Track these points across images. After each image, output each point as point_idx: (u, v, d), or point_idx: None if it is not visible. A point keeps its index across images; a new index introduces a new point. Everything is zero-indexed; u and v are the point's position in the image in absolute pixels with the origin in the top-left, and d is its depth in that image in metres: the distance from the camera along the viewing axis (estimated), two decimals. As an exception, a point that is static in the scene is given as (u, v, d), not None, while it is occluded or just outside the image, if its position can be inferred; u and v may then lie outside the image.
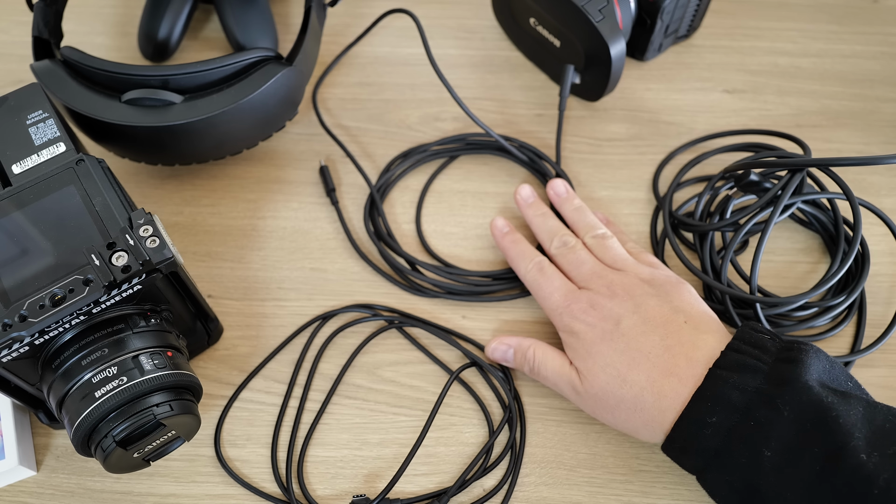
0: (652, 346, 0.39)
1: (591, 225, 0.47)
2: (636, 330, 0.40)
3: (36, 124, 0.42)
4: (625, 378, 0.39)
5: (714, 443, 0.36)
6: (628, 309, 0.41)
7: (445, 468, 0.42)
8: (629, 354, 0.39)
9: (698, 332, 0.39)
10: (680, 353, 0.38)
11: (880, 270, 0.48)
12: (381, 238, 0.50)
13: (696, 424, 0.36)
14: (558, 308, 0.43)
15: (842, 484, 0.32)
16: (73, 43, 0.50)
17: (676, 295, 0.41)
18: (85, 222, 0.37)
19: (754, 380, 0.35)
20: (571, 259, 0.45)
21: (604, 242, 0.45)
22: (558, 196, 0.50)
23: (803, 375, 0.35)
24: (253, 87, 0.46)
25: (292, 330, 0.47)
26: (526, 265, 0.46)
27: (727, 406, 0.35)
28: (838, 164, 0.43)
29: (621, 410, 0.39)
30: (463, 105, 0.50)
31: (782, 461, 0.34)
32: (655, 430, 0.38)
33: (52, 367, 0.36)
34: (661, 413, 0.37)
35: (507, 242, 0.47)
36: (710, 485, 0.37)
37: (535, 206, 0.49)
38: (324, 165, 0.53)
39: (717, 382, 0.36)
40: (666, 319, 0.40)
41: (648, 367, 0.38)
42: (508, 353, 0.44)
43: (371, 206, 0.52)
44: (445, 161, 0.54)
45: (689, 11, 0.57)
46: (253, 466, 0.43)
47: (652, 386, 0.38)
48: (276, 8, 0.63)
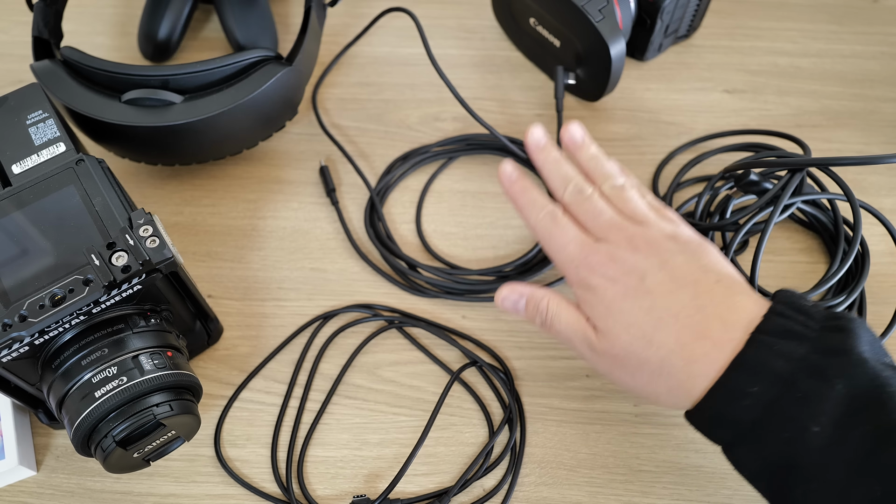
0: (682, 306, 0.35)
1: (609, 174, 0.42)
2: (664, 287, 0.36)
3: (36, 124, 0.42)
4: (651, 339, 0.35)
5: (752, 415, 0.32)
6: (653, 265, 0.37)
7: (445, 468, 0.42)
8: (656, 313, 0.35)
9: (733, 293, 0.35)
10: (714, 314, 0.35)
11: (880, 270, 0.48)
12: (382, 241, 0.50)
13: (734, 394, 0.33)
14: (574, 260, 0.39)
15: (892, 465, 0.30)
16: (73, 43, 0.50)
17: (704, 253, 0.37)
18: (85, 222, 0.37)
19: (801, 347, 0.32)
20: (588, 208, 0.40)
21: (623, 193, 0.41)
22: (573, 142, 0.44)
23: (856, 346, 0.32)
24: (253, 87, 0.46)
25: (292, 330, 0.47)
26: (537, 214, 0.41)
27: (770, 375, 0.32)
28: (838, 163, 0.43)
29: (643, 374, 0.36)
30: (465, 104, 0.50)
31: (829, 438, 0.31)
32: (681, 396, 0.35)
33: (52, 367, 0.36)
34: (690, 379, 0.34)
35: (516, 190, 0.42)
36: (738, 458, 0.34)
37: (546, 149, 0.43)
38: (324, 166, 0.53)
39: (759, 349, 0.33)
40: (696, 278, 0.36)
41: (678, 329, 0.35)
42: (520, 303, 0.41)
43: (371, 209, 0.52)
44: (445, 161, 0.54)
45: (689, 11, 0.57)
46: (253, 466, 0.43)
47: (682, 349, 0.34)
48: (276, 8, 0.63)
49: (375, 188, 0.52)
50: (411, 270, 0.49)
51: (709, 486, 0.41)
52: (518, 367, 0.46)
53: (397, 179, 0.54)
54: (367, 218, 0.51)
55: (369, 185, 0.52)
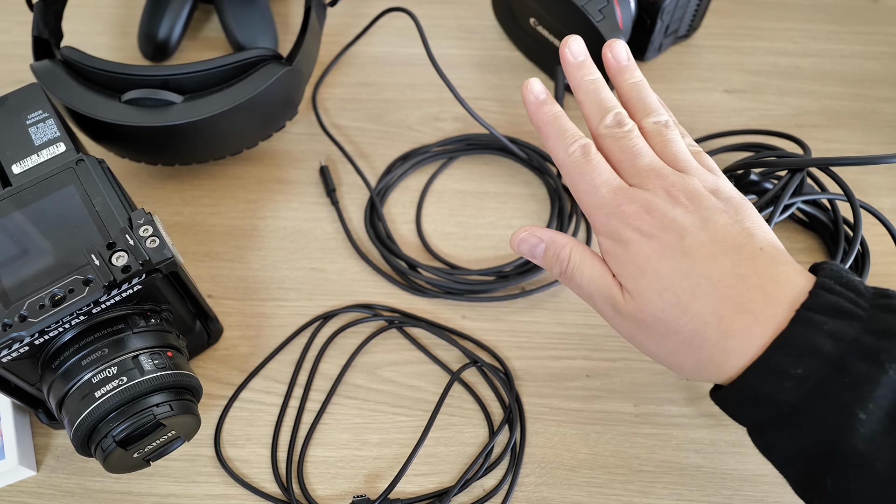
0: (722, 273, 0.32)
1: (651, 107, 0.37)
2: (704, 250, 0.32)
3: (36, 124, 0.42)
4: (686, 307, 0.32)
5: (793, 397, 0.30)
6: (694, 222, 0.33)
7: (445, 468, 0.42)
8: (694, 279, 0.32)
9: (777, 264, 0.32)
10: (756, 285, 0.31)
11: (880, 270, 0.48)
12: (382, 241, 0.50)
13: (775, 375, 0.30)
14: (606, 206, 0.34)
15: None
16: (73, 43, 0.50)
17: (747, 215, 0.33)
18: (85, 222, 0.37)
19: (852, 328, 0.29)
20: (626, 146, 0.35)
21: (665, 132, 0.36)
22: (617, 62, 0.38)
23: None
24: (253, 87, 0.46)
25: (292, 330, 0.47)
26: (567, 147, 0.36)
27: (818, 356, 0.29)
28: (838, 163, 0.43)
29: (671, 343, 0.33)
30: (465, 104, 0.50)
31: (878, 426, 0.28)
32: (710, 370, 0.32)
33: (52, 367, 0.36)
34: (723, 354, 0.31)
35: (544, 115, 0.37)
36: (770, 442, 0.32)
37: (586, 66, 0.38)
38: (324, 166, 0.53)
39: (807, 327, 0.30)
40: (739, 242, 0.32)
41: (717, 298, 0.31)
42: (538, 248, 0.37)
43: (371, 209, 0.52)
44: (445, 161, 0.54)
45: (689, 11, 0.57)
46: (253, 466, 0.43)
47: (719, 322, 0.31)
48: (276, 8, 0.63)
49: (375, 188, 0.52)
50: (411, 270, 0.49)
51: (709, 486, 0.41)
52: (518, 367, 0.46)
53: (397, 179, 0.54)
54: (367, 218, 0.51)
55: (369, 185, 0.52)
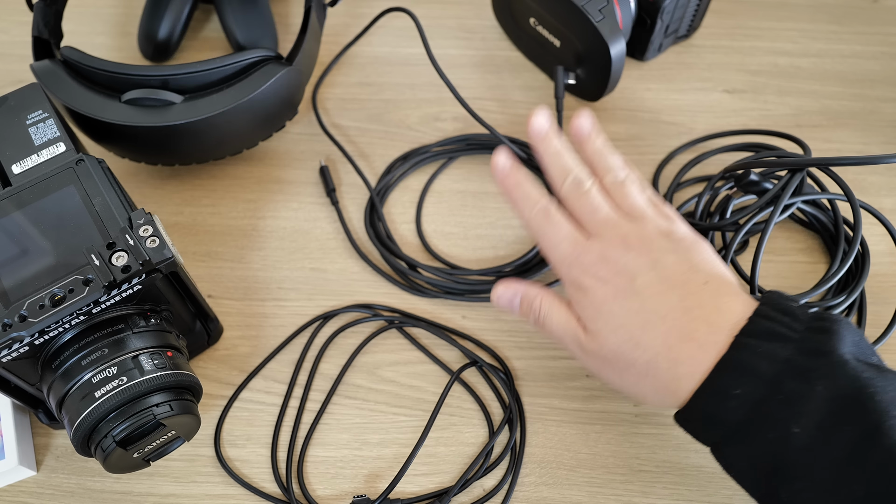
0: (669, 308, 0.35)
1: (612, 167, 0.41)
2: (652, 289, 0.36)
3: (36, 124, 0.42)
4: (638, 341, 0.35)
5: (737, 416, 0.33)
6: (644, 264, 0.37)
7: (445, 468, 0.42)
8: (643, 315, 0.36)
9: (720, 295, 0.35)
10: (700, 316, 0.35)
11: (880, 270, 0.48)
12: (382, 241, 0.50)
13: (719, 396, 0.33)
14: (566, 259, 0.38)
15: (875, 464, 0.30)
16: (73, 43, 0.50)
17: (696, 253, 0.37)
18: (85, 222, 0.37)
19: (784, 349, 0.32)
20: (584, 203, 0.39)
21: (623, 188, 0.40)
22: (581, 131, 0.42)
23: (839, 347, 0.32)
24: (253, 87, 0.46)
25: (292, 330, 0.47)
26: (531, 209, 0.40)
27: (754, 377, 0.32)
28: (838, 163, 0.43)
29: (631, 374, 0.36)
30: (465, 103, 0.50)
31: (812, 439, 0.31)
32: (667, 396, 0.36)
33: (52, 367, 0.36)
34: (676, 381, 0.35)
35: (509, 183, 0.41)
36: (727, 459, 0.35)
37: (549, 138, 0.42)
38: (324, 166, 0.53)
39: (743, 351, 0.33)
40: (685, 279, 0.36)
41: (665, 331, 0.35)
42: (515, 301, 0.41)
43: (371, 209, 0.52)
44: (445, 161, 0.54)
45: (689, 11, 0.57)
46: (253, 466, 0.43)
47: (668, 351, 0.35)
48: (276, 8, 0.63)
49: (375, 188, 0.52)
50: (411, 270, 0.49)
51: (709, 486, 0.41)
52: (518, 367, 0.46)
53: (397, 179, 0.54)
54: (367, 218, 0.51)
55: (369, 185, 0.52)
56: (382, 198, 0.53)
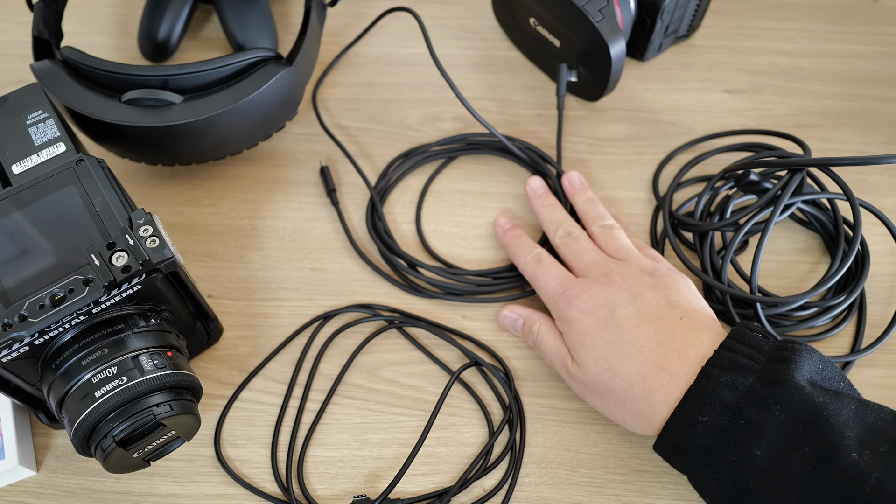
0: (645, 340, 0.39)
1: (599, 215, 0.47)
2: (630, 322, 0.39)
3: (36, 124, 0.42)
4: (616, 371, 0.39)
5: (705, 441, 0.35)
6: (624, 298, 0.40)
7: (445, 468, 0.42)
8: (622, 347, 0.39)
9: (693, 330, 0.39)
10: (673, 349, 0.38)
11: (880, 270, 0.48)
12: (383, 241, 0.50)
13: (688, 423, 0.36)
14: (554, 296, 0.43)
15: (833, 483, 0.32)
16: (73, 43, 0.50)
17: (675, 289, 0.41)
18: (85, 222, 0.37)
19: (746, 379, 0.35)
20: (574, 248, 0.45)
21: (610, 232, 0.45)
22: (572, 186, 0.50)
23: (795, 375, 0.34)
24: (253, 87, 0.46)
25: (292, 330, 0.47)
26: (525, 257, 0.46)
27: (718, 405, 0.35)
28: (838, 163, 0.43)
29: (610, 400, 0.39)
30: (466, 104, 0.50)
31: (773, 461, 0.34)
32: (644, 423, 0.38)
33: (52, 367, 0.36)
34: (651, 408, 0.38)
35: (508, 238, 0.48)
36: (700, 484, 0.37)
37: (543, 197, 0.50)
38: (324, 166, 0.53)
39: (708, 381, 0.36)
40: (661, 313, 0.39)
41: (640, 361, 0.38)
42: (518, 323, 0.45)
43: (372, 210, 0.52)
44: (445, 161, 0.54)
45: (689, 11, 0.57)
46: (253, 466, 0.43)
47: (643, 381, 0.38)
48: (276, 8, 0.63)
49: (376, 188, 0.52)
50: (412, 270, 0.49)
51: (709, 486, 0.41)
52: (518, 367, 0.46)
53: (397, 179, 0.54)
54: (369, 218, 0.51)
55: (370, 186, 0.52)
56: (382, 198, 0.53)
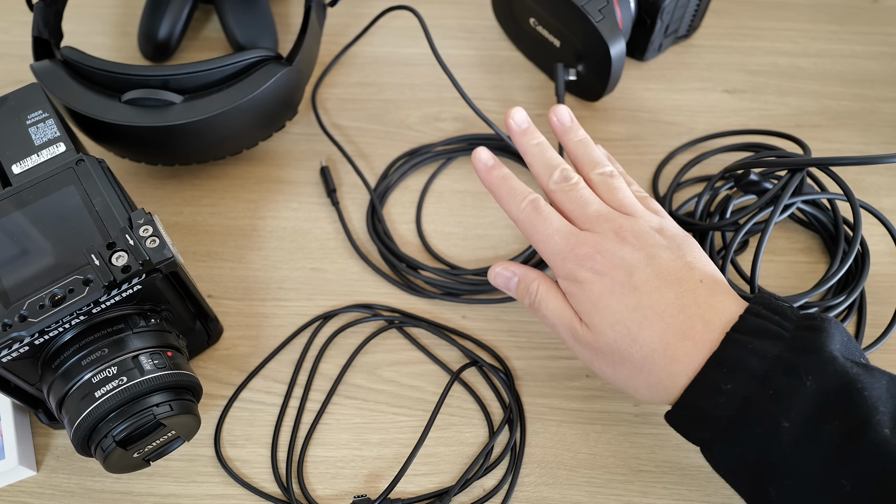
0: (667, 305, 0.35)
1: (596, 160, 0.42)
2: (650, 285, 0.36)
3: (36, 124, 0.42)
4: (635, 337, 0.35)
5: (728, 411, 0.33)
6: (640, 259, 0.37)
7: (445, 468, 0.42)
8: (641, 312, 0.36)
9: (714, 293, 0.36)
10: (696, 314, 0.35)
11: (880, 270, 0.48)
12: (383, 242, 0.50)
13: (710, 391, 0.33)
14: (560, 252, 0.38)
15: (863, 459, 0.30)
16: (73, 43, 0.51)
17: (689, 250, 0.38)
18: (85, 222, 0.37)
19: (775, 346, 0.33)
20: (574, 197, 0.40)
21: (611, 182, 0.40)
22: (561, 124, 0.44)
23: (828, 345, 0.32)
24: (253, 87, 0.46)
25: (292, 330, 0.47)
26: (518, 204, 0.40)
27: (745, 373, 0.33)
28: (838, 163, 0.43)
29: (624, 368, 0.36)
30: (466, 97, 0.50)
31: (801, 434, 0.31)
32: (660, 392, 0.36)
33: (52, 367, 0.36)
34: (671, 377, 0.35)
35: (493, 178, 0.42)
36: (717, 457, 0.35)
37: (529, 132, 0.43)
38: (325, 166, 0.53)
39: (735, 347, 0.33)
40: (681, 276, 0.36)
41: (662, 328, 0.35)
42: (511, 282, 0.42)
43: (372, 211, 0.52)
44: (445, 161, 0.54)
45: (689, 11, 0.57)
46: (253, 466, 0.43)
47: (665, 349, 0.35)
48: (276, 8, 0.63)
49: (376, 189, 0.52)
50: (412, 271, 0.49)
51: (709, 486, 0.41)
52: (518, 367, 0.46)
53: (397, 179, 0.54)
54: (369, 219, 0.51)
55: (369, 187, 0.52)
56: (382, 198, 0.53)
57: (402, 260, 0.49)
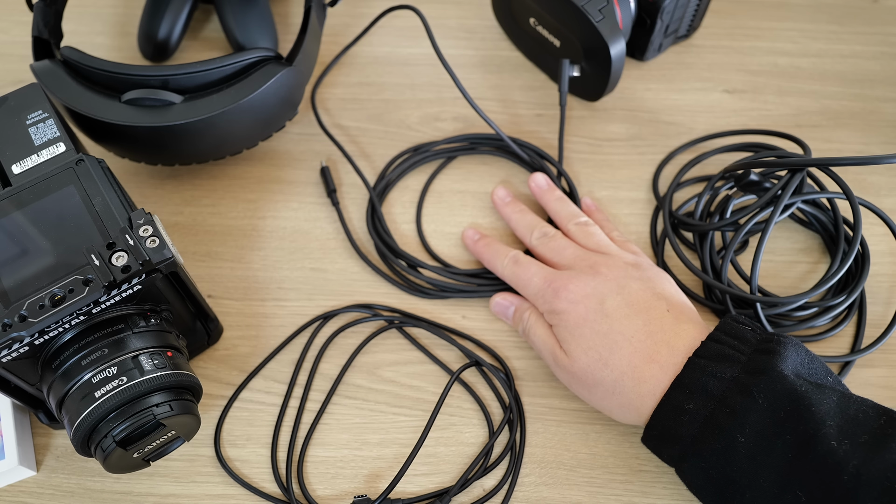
0: (635, 331, 0.39)
1: (573, 213, 0.47)
2: (620, 312, 0.40)
3: (36, 124, 0.42)
4: (606, 361, 0.39)
5: (691, 430, 0.36)
6: (612, 289, 0.41)
7: (445, 468, 0.42)
8: (612, 337, 0.39)
9: (679, 321, 0.39)
10: (662, 339, 0.39)
11: (880, 270, 0.48)
12: (383, 241, 0.50)
13: (675, 412, 0.36)
14: (539, 290, 0.43)
15: (812, 470, 0.33)
16: (73, 43, 0.51)
17: (658, 282, 0.42)
18: (85, 222, 0.37)
19: (732, 369, 0.36)
20: (553, 247, 0.45)
21: (587, 229, 0.46)
22: (539, 188, 0.50)
23: (779, 365, 0.35)
24: (253, 87, 0.46)
25: (292, 330, 0.47)
26: (502, 261, 0.46)
27: (705, 393, 0.36)
28: (838, 163, 0.43)
29: (599, 390, 0.40)
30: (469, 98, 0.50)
31: (756, 448, 0.34)
32: (631, 413, 0.39)
33: (52, 367, 0.36)
34: (640, 398, 0.38)
35: (480, 247, 0.48)
36: (687, 475, 0.37)
37: (512, 204, 0.50)
38: (325, 166, 0.53)
39: (695, 371, 0.37)
40: (649, 305, 0.40)
41: (630, 352, 0.39)
42: (509, 310, 0.46)
43: (372, 212, 0.52)
44: (445, 161, 0.54)
45: (689, 11, 0.57)
46: (253, 466, 0.43)
47: (633, 371, 0.38)
48: (276, 8, 0.63)
49: (375, 187, 0.52)
50: (411, 270, 0.49)
51: (709, 486, 0.41)
52: (518, 367, 0.46)
53: (397, 178, 0.54)
54: (369, 219, 0.51)
55: (368, 185, 0.52)
56: (382, 196, 0.53)
57: (400, 258, 0.49)
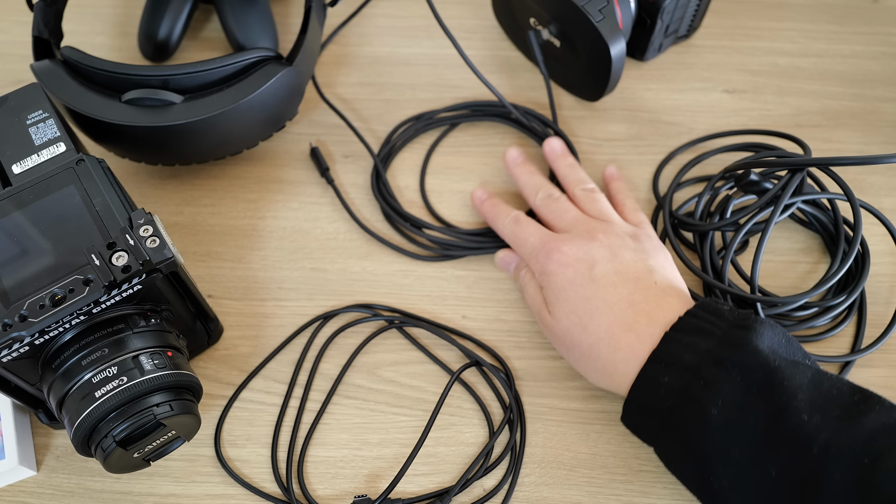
0: (618, 299, 0.40)
1: (581, 179, 0.48)
2: (607, 280, 0.40)
3: (36, 124, 0.42)
4: (585, 326, 0.40)
5: (667, 402, 0.36)
6: (604, 255, 0.41)
7: (446, 468, 0.42)
8: (594, 303, 0.40)
9: (665, 295, 0.40)
10: (643, 310, 0.39)
11: (880, 270, 0.48)
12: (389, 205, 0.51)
13: (652, 385, 0.37)
14: (534, 250, 0.43)
15: (782, 443, 0.33)
16: (73, 43, 0.50)
17: (653, 255, 0.42)
18: (85, 222, 0.37)
19: (707, 342, 0.36)
20: (555, 208, 0.46)
21: (592, 195, 0.46)
22: (553, 152, 0.51)
23: (754, 340, 0.35)
24: (253, 87, 0.46)
25: (292, 330, 0.47)
26: (503, 220, 0.47)
27: (680, 366, 0.36)
28: (838, 163, 0.43)
29: (575, 353, 0.41)
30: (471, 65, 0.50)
31: (728, 419, 0.34)
32: (605, 378, 0.40)
33: (52, 367, 0.36)
34: (613, 365, 0.39)
35: (486, 207, 0.49)
36: (664, 450, 0.38)
37: (523, 165, 0.50)
38: (314, 147, 0.54)
39: (671, 344, 0.37)
40: (638, 275, 0.40)
41: (610, 319, 0.39)
42: (511, 266, 0.47)
43: (377, 177, 0.53)
44: (448, 128, 0.55)
45: (689, 11, 0.57)
46: (253, 466, 0.43)
47: (610, 338, 0.39)
48: (276, 8, 0.63)
49: (379, 153, 0.54)
50: (415, 229, 0.50)
51: (709, 486, 0.41)
52: (518, 367, 0.46)
53: (402, 144, 0.55)
54: (374, 184, 0.52)
55: (373, 154, 0.53)
56: (386, 161, 0.54)
57: (406, 219, 0.50)
